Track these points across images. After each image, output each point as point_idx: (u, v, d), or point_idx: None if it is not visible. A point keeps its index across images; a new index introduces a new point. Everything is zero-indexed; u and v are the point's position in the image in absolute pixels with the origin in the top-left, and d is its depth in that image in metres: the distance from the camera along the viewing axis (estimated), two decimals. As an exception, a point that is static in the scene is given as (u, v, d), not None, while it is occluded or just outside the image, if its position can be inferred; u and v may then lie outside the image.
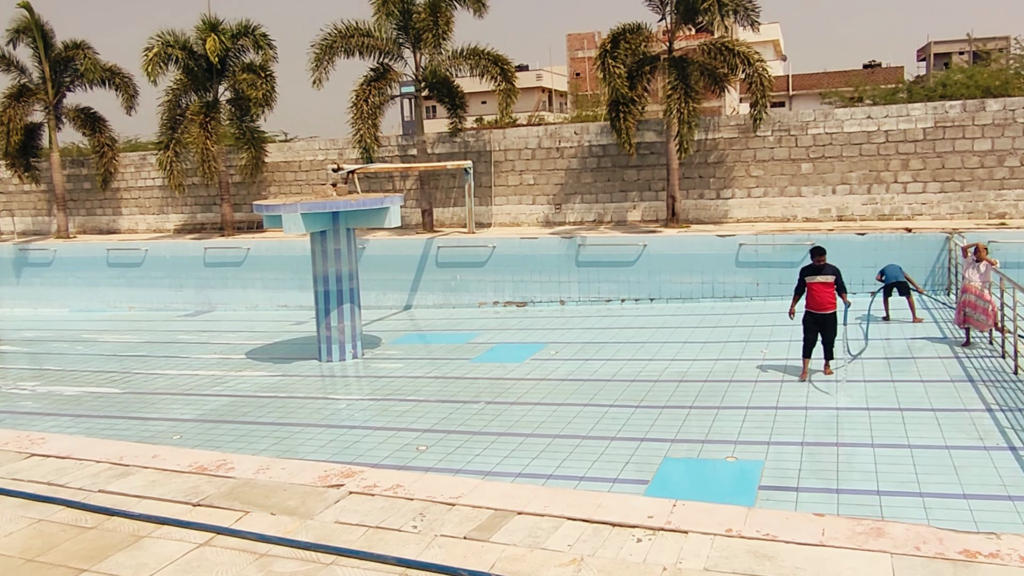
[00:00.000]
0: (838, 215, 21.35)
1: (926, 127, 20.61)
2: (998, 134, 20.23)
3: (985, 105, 20.36)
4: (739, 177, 22.09)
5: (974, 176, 20.46)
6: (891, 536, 4.00)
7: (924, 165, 20.74)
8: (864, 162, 21.09)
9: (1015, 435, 9.10)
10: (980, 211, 20.48)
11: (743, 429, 9.91)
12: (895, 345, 13.49)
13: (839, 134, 21.20)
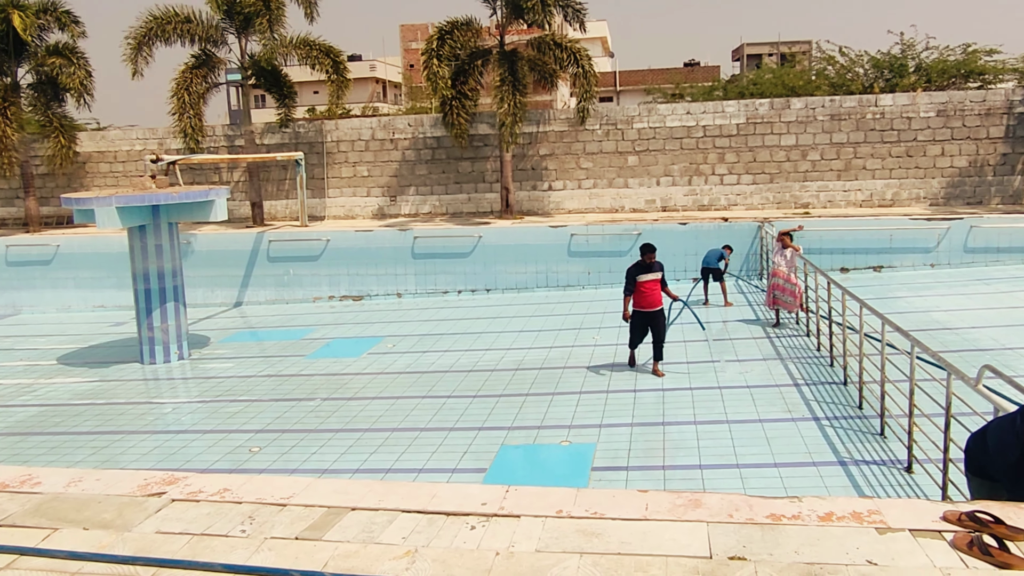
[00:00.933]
0: (662, 206, 22.45)
1: (739, 123, 22.03)
2: (801, 130, 21.94)
3: (790, 103, 22.02)
4: (570, 169, 22.75)
5: (781, 169, 22.09)
6: (707, 506, 4.26)
7: (738, 159, 22.17)
8: (685, 155, 22.28)
9: (818, 407, 9.92)
10: (787, 201, 22.16)
11: (576, 414, 10.24)
12: (714, 328, 14.35)
13: (662, 128, 22.27)
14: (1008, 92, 22.01)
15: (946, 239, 18.93)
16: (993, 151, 21.73)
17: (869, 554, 3.72)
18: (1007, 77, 25.03)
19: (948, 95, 21.86)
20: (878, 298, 14.81)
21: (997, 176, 21.80)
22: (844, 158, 21.94)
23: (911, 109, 21.70)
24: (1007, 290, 16.27)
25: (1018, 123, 21.55)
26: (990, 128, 21.64)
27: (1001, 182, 21.81)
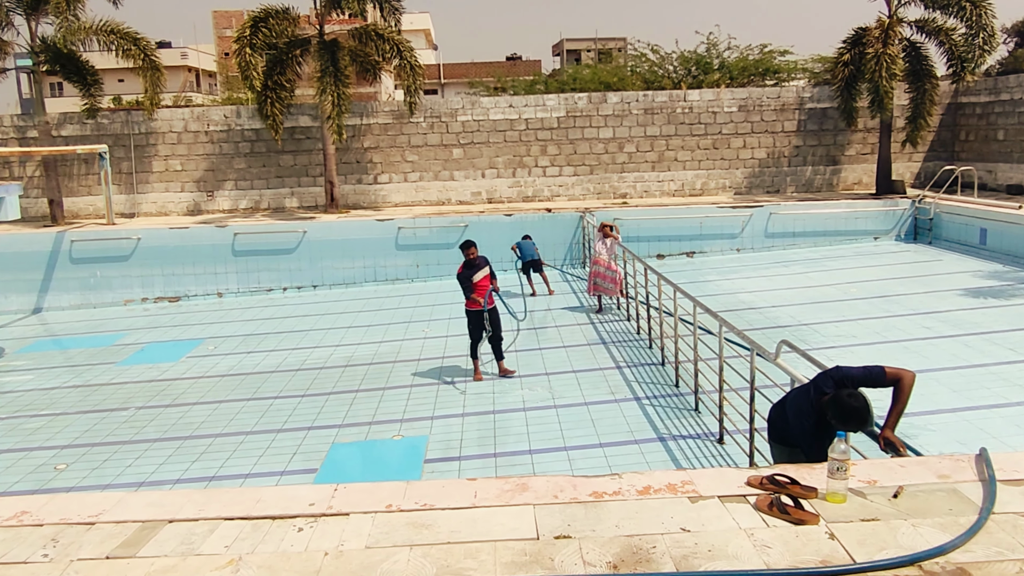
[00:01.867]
0: (488, 198, 22.75)
1: (560, 116, 22.68)
2: (618, 123, 22.89)
3: (607, 98, 22.91)
4: (396, 162, 22.58)
5: (600, 161, 22.96)
6: (534, 489, 4.38)
7: (560, 151, 22.83)
8: (509, 148, 22.68)
9: (639, 387, 10.42)
10: (607, 192, 23.07)
11: (408, 407, 10.20)
12: (539, 316, 14.73)
13: (486, 121, 22.54)
14: (799, 89, 23.99)
15: (749, 225, 20.40)
16: (788, 144, 23.61)
17: (683, 522, 3.96)
18: (798, 76, 27.27)
19: (748, 91, 23.52)
20: (691, 282, 15.75)
21: (792, 167, 23.71)
22: (657, 150, 23.11)
23: (716, 104, 23.17)
24: (802, 271, 17.75)
25: (808, 118, 23.53)
26: (785, 122, 23.49)
27: (795, 172, 23.74)
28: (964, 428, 8.58)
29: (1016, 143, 21.96)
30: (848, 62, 21.76)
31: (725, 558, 3.62)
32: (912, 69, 21.90)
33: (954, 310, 13.56)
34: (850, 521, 3.92)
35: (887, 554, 3.61)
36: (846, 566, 3.50)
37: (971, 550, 3.66)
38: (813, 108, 23.50)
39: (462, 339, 12.47)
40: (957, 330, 12.30)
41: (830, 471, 4.06)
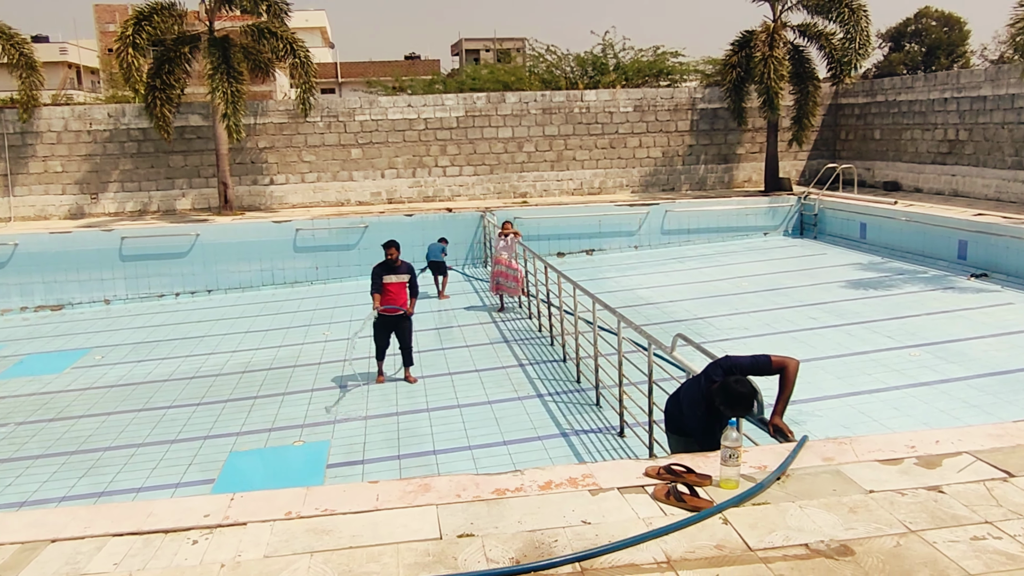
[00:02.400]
0: (388, 198, 22.54)
1: (459, 116, 22.67)
2: (517, 123, 23.04)
3: (505, 98, 23.03)
4: (292, 162, 22.09)
5: (500, 160, 23.06)
6: (436, 489, 4.36)
7: (459, 150, 22.82)
8: (408, 148, 22.52)
9: (541, 384, 10.53)
10: (507, 191, 23.19)
11: (309, 412, 10.01)
12: (443, 316, 14.69)
13: (384, 121, 22.32)
14: (692, 90, 24.70)
15: (646, 223, 20.89)
16: (682, 143, 24.28)
17: (583, 515, 4.02)
18: (691, 77, 28.08)
19: (643, 92, 24.07)
20: (591, 279, 15.99)
21: (686, 165, 24.40)
22: (556, 150, 23.38)
23: (612, 104, 23.61)
24: (697, 266, 18.30)
25: (701, 118, 24.26)
26: (678, 122, 24.15)
27: (689, 171, 24.44)
28: (848, 412, 9.02)
29: (891, 142, 23.23)
30: (737, 64, 22.55)
31: (625, 548, 3.69)
32: (796, 71, 22.87)
33: (837, 301, 14.24)
34: (742, 506, 4.06)
35: (777, 536, 3.76)
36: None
37: (853, 527, 3.85)
38: (705, 108, 24.25)
39: (364, 341, 12.32)
40: (840, 320, 12.92)
41: (723, 458, 4.20)
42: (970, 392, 9.48)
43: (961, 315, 12.86)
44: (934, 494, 4.20)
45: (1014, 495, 4.18)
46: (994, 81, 19.36)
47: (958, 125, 20.57)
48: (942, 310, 13.21)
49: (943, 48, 39.02)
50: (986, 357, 10.70)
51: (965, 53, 39.56)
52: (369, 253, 18.75)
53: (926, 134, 21.77)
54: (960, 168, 20.59)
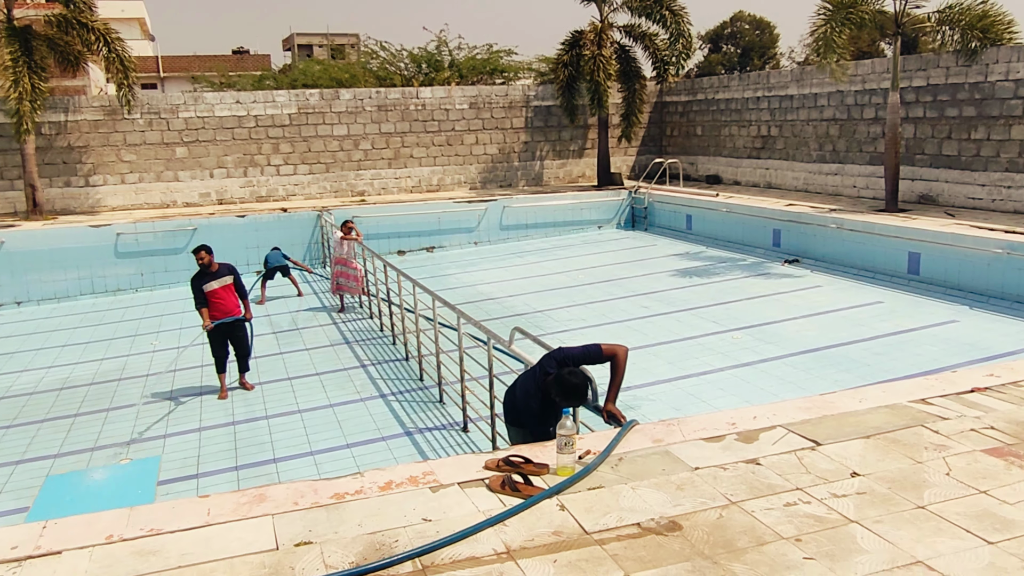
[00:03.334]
0: (218, 199, 21.59)
1: (291, 113, 22.02)
2: (352, 120, 22.66)
3: (339, 94, 22.59)
4: (110, 162, 20.71)
5: (336, 159, 22.61)
6: (273, 498, 4.22)
7: (293, 149, 22.17)
8: (238, 146, 21.64)
9: (384, 384, 10.42)
10: (344, 190, 22.78)
11: (137, 427, 9.43)
12: (281, 320, 14.24)
13: (211, 118, 21.33)
14: (526, 88, 25.17)
15: (485, 219, 21.12)
16: (517, 140, 24.70)
17: (424, 512, 4.01)
18: (524, 75, 28.62)
19: (478, 89, 24.29)
20: (431, 276, 16.02)
21: (522, 161, 24.85)
22: (393, 147, 23.19)
23: (448, 101, 23.68)
24: (535, 260, 18.69)
25: (535, 115, 24.77)
26: (513, 119, 24.55)
27: (525, 167, 24.91)
28: (678, 395, 9.50)
29: (711, 138, 24.65)
30: (568, 63, 23.17)
31: (465, 542, 3.72)
32: (624, 70, 23.80)
33: (667, 289, 14.96)
34: (578, 491, 4.19)
35: (611, 518, 3.90)
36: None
37: (680, 503, 4.06)
38: (539, 106, 24.78)
39: (195, 350, 11.76)
40: (670, 307, 13.58)
41: (559, 447, 4.31)
42: (785, 370, 10.22)
43: (777, 299, 13.83)
44: (752, 466, 4.50)
45: (821, 462, 4.54)
46: (799, 81, 20.93)
47: (770, 122, 22.10)
48: (760, 295, 14.16)
49: (756, 50, 41.84)
50: (799, 336, 11.57)
51: (776, 55, 42.60)
52: (199, 257, 17.89)
53: (742, 130, 23.24)
54: (773, 162, 22.14)
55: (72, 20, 18.78)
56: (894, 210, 16.30)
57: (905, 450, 4.68)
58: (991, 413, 5.23)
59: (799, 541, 3.70)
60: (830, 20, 16.03)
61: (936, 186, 17.12)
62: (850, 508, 4.00)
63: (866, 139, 18.92)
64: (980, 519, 3.87)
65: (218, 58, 50.98)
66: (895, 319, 12.24)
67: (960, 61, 16.14)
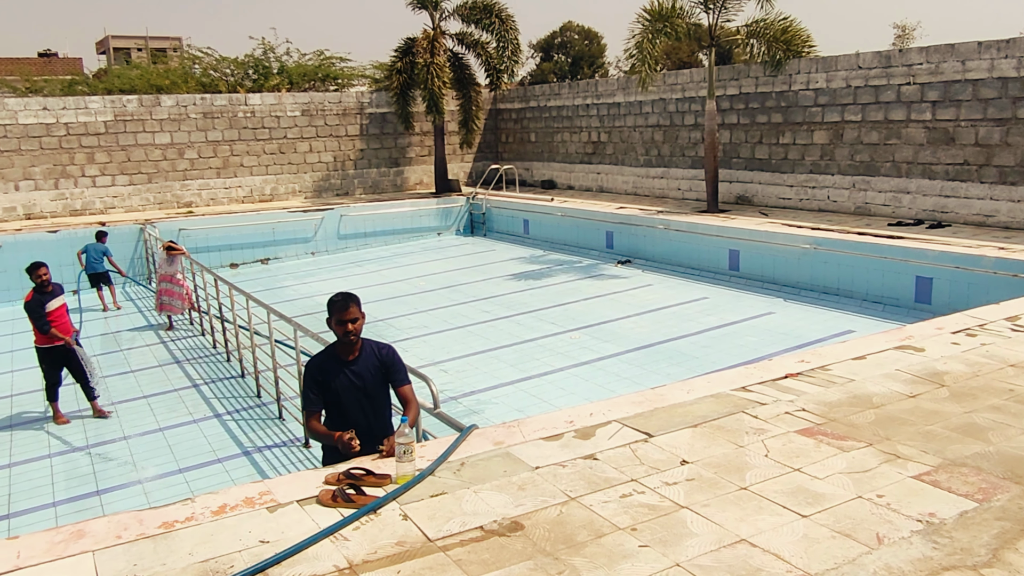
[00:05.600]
0: (26, 214, 19.92)
1: (107, 120, 20.67)
2: (176, 128, 21.55)
3: (160, 100, 21.43)
4: None
5: (159, 168, 21.43)
6: (92, 534, 3.93)
7: (110, 158, 20.81)
8: (47, 156, 20.07)
9: (219, 403, 9.96)
10: (169, 201, 21.61)
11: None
12: (104, 341, 13.31)
13: (15, 126, 19.67)
14: (360, 95, 24.83)
15: (322, 228, 20.66)
16: (353, 147, 24.34)
17: (261, 534, 3.86)
18: (358, 82, 28.22)
19: (310, 96, 23.73)
20: (267, 289, 15.52)
21: (358, 169, 24.50)
22: (222, 156, 22.25)
23: (279, 108, 22.99)
24: (376, 269, 18.48)
25: (370, 122, 24.49)
26: (348, 126, 24.17)
27: (362, 174, 24.58)
28: (522, 397, 9.66)
29: (545, 144, 25.27)
30: (402, 69, 23.06)
31: (305, 561, 3.61)
32: (458, 77, 23.97)
33: (507, 293, 15.19)
34: (421, 499, 4.17)
35: (454, 523, 3.90)
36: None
37: (522, 503, 4.12)
38: (374, 113, 24.52)
39: (2, 378, 10.80)
40: (511, 311, 13.80)
41: (397, 455, 4.27)
42: (621, 366, 10.62)
43: (612, 298, 14.36)
44: (590, 462, 4.64)
45: (653, 452, 4.74)
46: (625, 90, 21.85)
47: (599, 128, 22.93)
48: (596, 295, 14.65)
49: (586, 59, 43.30)
50: (633, 334, 12.06)
51: (604, 64, 44.26)
52: (5, 277, 16.47)
53: (574, 136, 23.98)
54: (604, 167, 22.97)
55: None
56: (715, 211, 17.33)
57: (728, 436, 4.98)
58: (802, 396, 5.66)
59: (635, 530, 3.84)
60: (647, 31, 16.83)
61: (751, 187, 18.35)
62: (680, 495, 4.21)
63: (688, 144, 20.01)
64: (795, 495, 4.17)
65: (22, 61, 47.19)
66: (719, 313, 13.01)
67: (767, 72, 17.38)
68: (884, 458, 4.60)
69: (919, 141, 14.82)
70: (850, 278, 13.20)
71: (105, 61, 52.98)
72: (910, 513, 3.95)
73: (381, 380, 4.70)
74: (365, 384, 4.61)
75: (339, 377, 4.58)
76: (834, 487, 4.25)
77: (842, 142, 16.19)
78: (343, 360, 4.63)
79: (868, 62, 15.55)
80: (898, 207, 15.35)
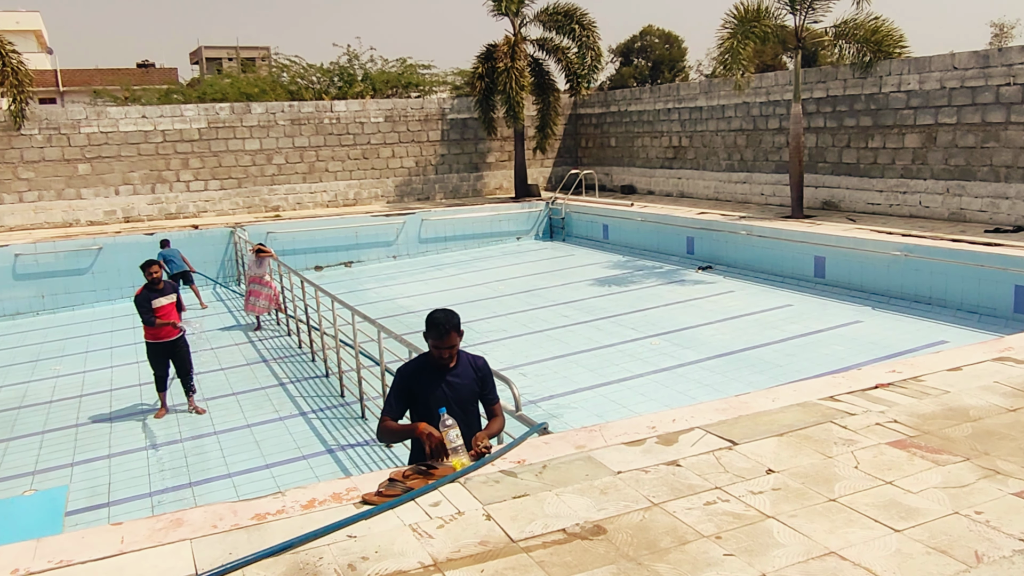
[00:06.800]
0: (125, 216, 20.86)
1: (201, 127, 21.47)
2: (264, 134, 22.24)
3: (251, 108, 22.14)
4: (6, 181, 19.76)
5: (248, 173, 22.14)
6: (190, 523, 4.09)
7: (203, 164, 21.61)
8: (145, 162, 20.97)
9: (304, 402, 10.23)
10: (257, 205, 22.31)
11: (41, 457, 9.01)
12: (195, 339, 13.78)
13: (115, 133, 20.62)
14: (441, 101, 25.17)
15: (403, 233, 21.00)
16: (434, 153, 24.67)
17: (349, 528, 3.96)
18: (440, 88, 28.62)
19: (393, 103, 24.17)
20: (350, 291, 15.85)
21: (439, 174, 24.82)
22: (307, 161, 22.85)
23: (363, 115, 23.49)
24: (455, 273, 18.68)
25: (451, 128, 24.79)
26: (429, 132, 24.52)
27: (443, 179, 24.90)
28: (600, 402, 9.62)
29: (625, 149, 25.13)
30: (483, 75, 23.28)
31: (391, 556, 3.68)
32: (538, 83, 24.06)
33: (587, 298, 15.15)
34: (503, 500, 4.20)
35: (536, 525, 3.93)
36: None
37: (604, 507, 4.11)
38: (455, 118, 24.81)
39: (103, 373, 11.34)
40: (590, 316, 13.76)
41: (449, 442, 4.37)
42: (702, 373, 10.47)
43: (692, 304, 14.17)
44: (672, 468, 4.59)
45: (737, 461, 4.67)
46: (708, 93, 21.56)
47: (680, 133, 22.68)
48: (676, 301, 14.48)
49: (666, 63, 42.85)
50: (714, 341, 11.88)
51: (684, 68, 43.73)
52: (105, 277, 17.28)
53: (655, 141, 23.77)
54: (684, 171, 22.70)
55: (-38, 32, 17.90)
56: (799, 216, 16.92)
57: (816, 446, 4.86)
58: (894, 407, 5.48)
59: (719, 538, 3.79)
60: (735, 33, 16.58)
61: (838, 192, 17.86)
62: (766, 504, 4.13)
63: (772, 148, 19.60)
64: (887, 509, 4.04)
65: (122, 71, 49.43)
66: (803, 321, 12.69)
67: (856, 74, 16.90)
68: (982, 473, 4.42)
69: (1020, 144, 14.18)
70: (943, 286, 12.71)
71: (198, 71, 55.02)
72: (1012, 532, 3.79)
73: (475, 391, 4.75)
74: (459, 395, 4.65)
75: (433, 386, 4.61)
76: (929, 502, 4.11)
77: (935, 146, 15.61)
78: (439, 369, 4.68)
79: (964, 62, 14.97)
80: (996, 213, 14.72)
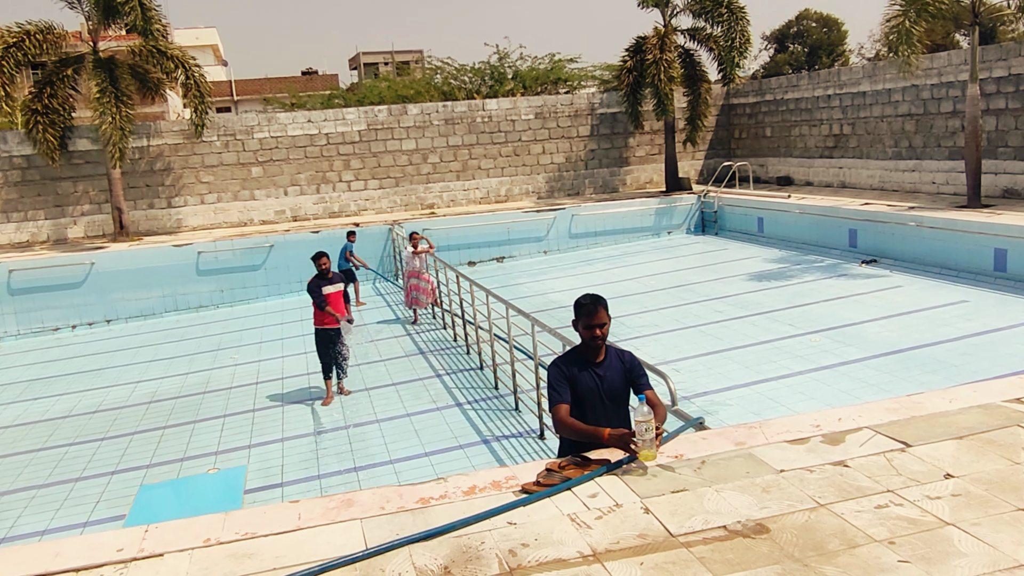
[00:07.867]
0: (293, 216, 22.15)
1: (361, 129, 22.48)
2: (420, 135, 23.00)
3: (407, 109, 22.97)
4: (189, 184, 21.46)
5: (405, 173, 22.98)
6: (360, 504, 4.31)
7: (363, 164, 22.62)
8: (310, 164, 22.19)
9: (459, 393, 10.53)
10: (414, 203, 23.11)
11: (223, 438, 9.74)
12: (356, 331, 14.49)
13: (284, 138, 21.92)
14: (590, 96, 25.16)
15: (553, 228, 21.16)
16: (583, 148, 24.70)
17: (509, 516, 4.04)
18: (588, 83, 28.61)
19: (543, 99, 24.39)
20: (503, 286, 16.12)
21: (589, 169, 24.82)
22: (461, 159, 23.44)
23: (513, 112, 23.84)
24: (605, 268, 18.63)
25: (600, 122, 24.73)
26: (579, 127, 24.56)
27: (592, 174, 24.88)
28: (757, 399, 9.34)
29: (781, 139, 24.20)
30: (631, 68, 23.07)
31: (551, 544, 3.73)
32: (688, 74, 23.56)
33: (741, 293, 14.72)
34: (662, 495, 4.16)
35: (696, 520, 3.87)
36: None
37: (767, 506, 3.99)
38: (604, 113, 24.73)
39: (275, 363, 12.09)
40: (745, 311, 13.37)
41: (639, 434, 4.31)
42: (868, 372, 9.94)
43: (855, 300, 13.48)
44: (839, 468, 4.40)
45: (911, 463, 4.41)
46: (872, 77, 20.41)
47: (842, 120, 21.60)
48: (838, 296, 13.82)
49: (824, 48, 40.91)
50: (880, 338, 11.25)
51: (844, 52, 41.58)
52: (276, 273, 18.41)
53: (813, 130, 22.76)
54: (846, 161, 21.61)
55: (152, 49, 19.53)
56: (977, 206, 15.74)
57: (1001, 451, 4.52)
58: (1093, 412, 5.01)
59: (892, 544, 3.60)
60: (906, 11, 15.59)
61: (1021, 179, 16.46)
62: (945, 510, 3.88)
63: (944, 133, 18.32)
64: (1086, 521, 3.71)
65: (288, 79, 52.40)
66: (981, 318, 11.80)
67: (1044, 49, 15.53)
68: None
69: None
70: None
71: (357, 76, 57.56)
72: None
73: (625, 384, 4.73)
74: (610, 388, 4.65)
75: (584, 379, 4.63)
76: None
77: None
78: (588, 363, 4.70)
79: None
80: None
